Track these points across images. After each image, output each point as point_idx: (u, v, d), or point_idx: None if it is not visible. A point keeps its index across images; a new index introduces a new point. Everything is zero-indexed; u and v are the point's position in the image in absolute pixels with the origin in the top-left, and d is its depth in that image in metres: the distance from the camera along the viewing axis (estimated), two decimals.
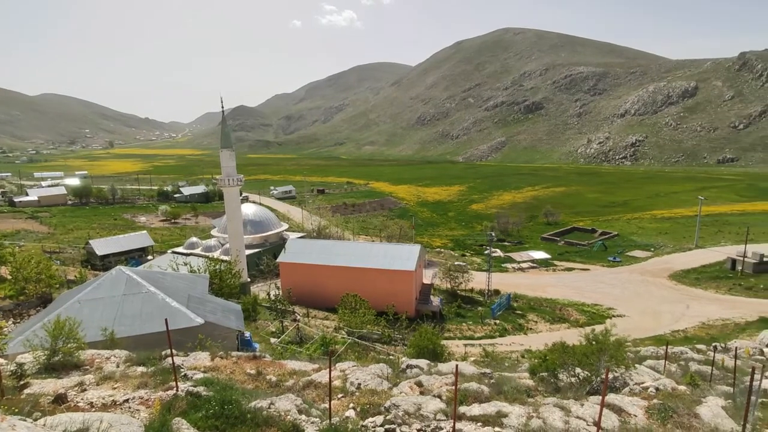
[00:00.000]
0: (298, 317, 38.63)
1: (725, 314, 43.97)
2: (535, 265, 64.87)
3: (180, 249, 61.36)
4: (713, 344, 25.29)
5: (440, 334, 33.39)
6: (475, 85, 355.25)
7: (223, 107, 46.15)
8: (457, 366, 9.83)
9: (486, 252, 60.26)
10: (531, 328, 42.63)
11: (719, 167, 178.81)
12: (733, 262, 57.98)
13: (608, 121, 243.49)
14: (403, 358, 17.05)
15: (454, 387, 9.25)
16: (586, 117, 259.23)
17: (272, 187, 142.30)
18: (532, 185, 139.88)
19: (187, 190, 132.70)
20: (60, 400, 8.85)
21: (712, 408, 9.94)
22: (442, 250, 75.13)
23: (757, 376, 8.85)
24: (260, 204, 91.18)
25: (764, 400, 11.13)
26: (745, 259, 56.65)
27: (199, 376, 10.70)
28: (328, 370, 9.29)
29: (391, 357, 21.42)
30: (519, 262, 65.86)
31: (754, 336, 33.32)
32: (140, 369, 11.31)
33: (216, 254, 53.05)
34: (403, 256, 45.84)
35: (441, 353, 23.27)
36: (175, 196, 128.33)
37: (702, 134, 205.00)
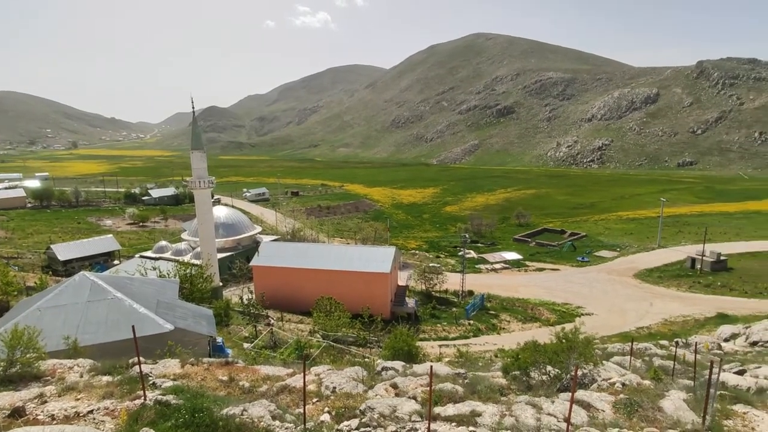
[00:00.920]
0: (272, 321, 38.05)
1: (686, 311, 45.98)
2: (507, 265, 66.11)
3: (148, 253, 59.49)
4: (675, 340, 26.41)
5: (415, 335, 33.55)
6: (449, 89, 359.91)
7: (193, 107, 45.11)
8: (431, 367, 9.91)
9: (460, 253, 61.01)
10: (504, 328, 43.40)
11: (679, 170, 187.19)
12: (693, 261, 60.72)
13: (576, 126, 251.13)
14: (379, 361, 17.05)
15: (428, 388, 9.32)
16: (555, 121, 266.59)
17: (245, 190, 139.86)
18: (505, 187, 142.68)
19: (156, 193, 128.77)
20: (17, 414, 8.43)
21: (674, 401, 10.35)
22: (417, 251, 75.61)
23: (715, 370, 9.29)
24: (233, 206, 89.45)
25: (722, 392, 11.67)
26: (704, 258, 59.47)
27: (169, 384, 10.39)
28: (302, 374, 9.19)
29: (366, 359, 21.40)
30: (492, 263, 66.96)
31: (713, 331, 35.00)
32: (106, 378, 10.89)
33: (186, 258, 51.69)
34: (378, 259, 45.85)
35: (416, 354, 23.38)
36: (144, 198, 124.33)
37: (663, 139, 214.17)
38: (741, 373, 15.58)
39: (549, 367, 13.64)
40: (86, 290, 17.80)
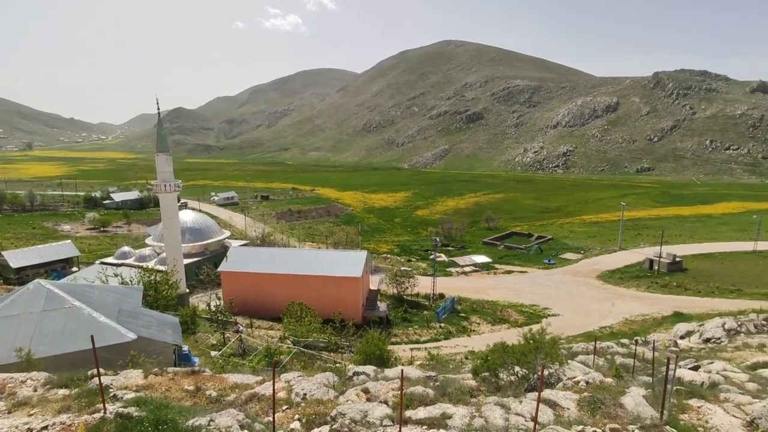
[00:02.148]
0: (241, 328, 37.22)
1: (645, 310, 48.02)
2: (477, 268, 67.22)
3: (110, 259, 57.13)
4: (635, 338, 27.56)
5: (387, 339, 33.60)
6: (420, 94, 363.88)
7: (159, 109, 43.68)
8: (402, 371, 9.96)
9: (431, 257, 61.60)
10: (474, 330, 44.04)
11: (638, 176, 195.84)
12: (651, 262, 63.57)
13: (542, 132, 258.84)
14: (350, 366, 16.98)
15: (400, 392, 9.35)
16: (522, 127, 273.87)
17: (213, 193, 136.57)
18: (474, 192, 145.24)
19: (118, 196, 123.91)
20: None
21: (634, 397, 10.78)
22: (389, 255, 75.81)
23: (671, 367, 9.74)
24: (200, 211, 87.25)
25: (678, 387, 12.25)
26: (661, 260, 62.38)
27: (131, 395, 10.00)
28: (272, 381, 9.04)
29: (337, 365, 21.25)
30: (462, 266, 67.92)
31: (670, 329, 36.73)
32: (62, 392, 10.36)
33: (151, 264, 49.90)
34: (349, 263, 45.70)
35: (388, 359, 23.42)
36: (105, 202, 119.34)
37: (623, 146, 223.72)
38: (695, 369, 16.41)
39: (517, 368, 13.96)
40: (41, 299, 16.90)
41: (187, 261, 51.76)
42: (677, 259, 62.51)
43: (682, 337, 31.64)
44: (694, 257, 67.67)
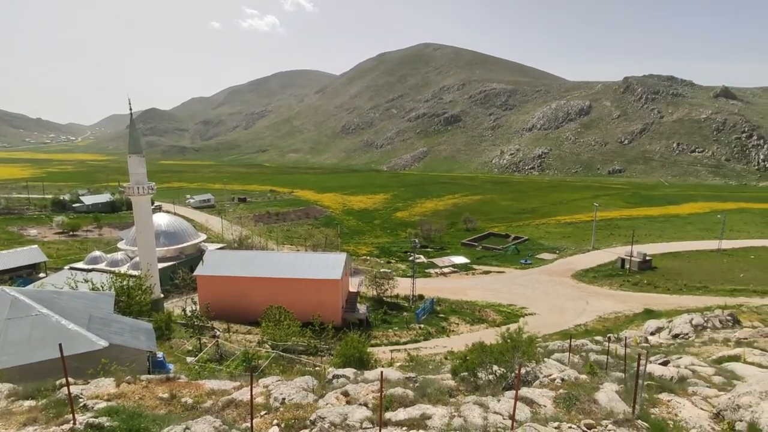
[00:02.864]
0: (218, 333, 36.54)
1: (617, 308, 49.41)
2: (456, 269, 67.84)
3: (80, 264, 55.18)
4: (608, 335, 28.33)
5: (367, 341, 33.52)
6: (398, 96, 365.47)
7: (131, 109, 42.56)
8: (381, 373, 9.96)
9: (410, 258, 61.86)
10: (453, 330, 44.41)
11: (610, 177, 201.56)
12: (623, 261, 65.47)
13: (518, 135, 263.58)
14: (330, 369, 16.89)
15: (379, 394, 9.36)
16: (499, 130, 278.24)
17: (188, 196, 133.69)
18: (453, 193, 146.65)
19: (88, 199, 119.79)
20: None
21: (608, 393, 11.07)
22: (368, 257, 75.75)
23: (642, 362, 10.06)
24: (175, 214, 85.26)
25: (649, 382, 12.65)
26: (632, 259, 64.33)
27: (102, 405, 9.69)
28: (249, 386, 8.91)
29: (317, 368, 21.10)
30: (441, 267, 68.44)
31: (641, 326, 37.89)
32: (28, 403, 9.96)
33: (124, 269, 48.52)
34: (329, 265, 45.45)
35: (367, 361, 23.39)
36: (75, 205, 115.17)
37: (596, 148, 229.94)
38: (665, 364, 16.97)
39: (495, 367, 14.16)
40: (5, 307, 16.21)
41: (161, 265, 50.56)
42: (647, 258, 64.57)
43: (652, 334, 32.70)
44: (663, 256, 70.00)
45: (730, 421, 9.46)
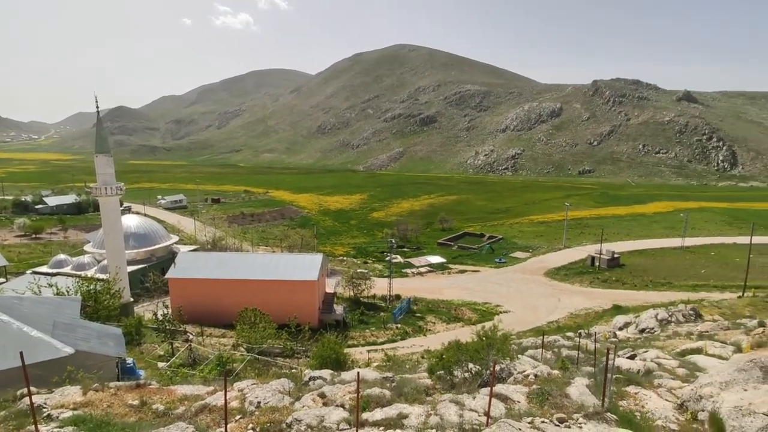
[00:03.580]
0: (191, 337, 35.68)
1: (587, 304, 50.90)
2: (432, 269, 68.40)
3: (43, 269, 52.90)
4: (579, 331, 29.15)
5: (344, 342, 33.42)
6: (374, 97, 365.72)
7: (98, 107, 41.07)
8: (358, 373, 9.96)
9: (387, 258, 62.02)
10: (430, 329, 44.76)
11: (580, 178, 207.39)
12: (593, 259, 67.48)
13: (492, 136, 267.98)
14: (306, 371, 16.76)
15: (356, 395, 9.36)
16: (473, 131, 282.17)
17: (160, 197, 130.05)
18: (428, 193, 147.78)
19: (52, 200, 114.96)
20: None
21: (578, 387, 11.38)
22: (345, 258, 75.49)
23: (611, 357, 10.40)
24: (145, 215, 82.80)
25: (618, 376, 13.08)
26: (601, 257, 66.40)
27: (68, 414, 9.33)
28: (224, 391, 8.75)
29: (293, 370, 20.91)
30: (418, 267, 68.87)
31: (610, 322, 39.16)
32: None
33: (91, 273, 46.75)
34: (305, 266, 45.06)
35: (344, 362, 23.30)
36: (37, 207, 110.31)
37: (566, 149, 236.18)
38: (632, 357, 17.59)
39: (471, 365, 14.34)
40: None
41: (131, 268, 49.08)
42: (615, 256, 66.77)
43: (620, 329, 33.84)
44: (630, 253, 72.48)
45: (693, 411, 9.88)
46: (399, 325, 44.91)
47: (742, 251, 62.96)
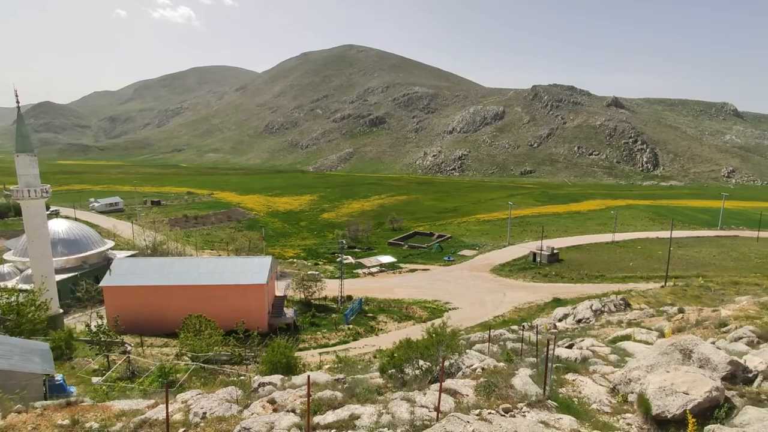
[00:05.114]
0: (129, 348, 33.54)
1: (530, 298, 53.49)
2: (383, 269, 68.90)
3: None
4: (522, 324, 30.56)
5: (295, 346, 32.84)
6: (323, 97, 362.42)
7: (18, 102, 37.59)
8: (309, 377, 9.85)
9: (338, 260, 61.71)
10: (381, 329, 45.07)
11: (522, 178, 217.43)
12: (534, 255, 71.02)
13: (440, 137, 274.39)
14: (255, 377, 16.31)
15: (307, 399, 9.25)
16: (422, 132, 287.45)
17: (92, 199, 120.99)
18: (379, 194, 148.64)
19: None
20: None
21: (522, 378, 11.94)
22: (295, 260, 74.22)
23: (551, 347, 11.01)
24: (76, 219, 76.88)
25: (557, 365, 13.86)
26: (542, 252, 70.06)
27: None
28: (165, 403, 8.33)
29: (242, 377, 20.25)
30: (369, 267, 69.10)
31: (550, 314, 41.35)
32: None
33: (11, 283, 42.73)
34: (253, 270, 43.84)
35: (295, 366, 22.93)
36: None
37: (509, 150, 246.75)
38: (570, 347, 18.68)
39: (421, 362, 14.60)
40: None
41: (60, 277, 45.36)
42: (555, 252, 70.70)
43: (560, 320, 35.86)
44: (568, 249, 77.02)
45: (623, 394, 10.68)
46: (351, 326, 44.84)
47: (664, 245, 68.97)
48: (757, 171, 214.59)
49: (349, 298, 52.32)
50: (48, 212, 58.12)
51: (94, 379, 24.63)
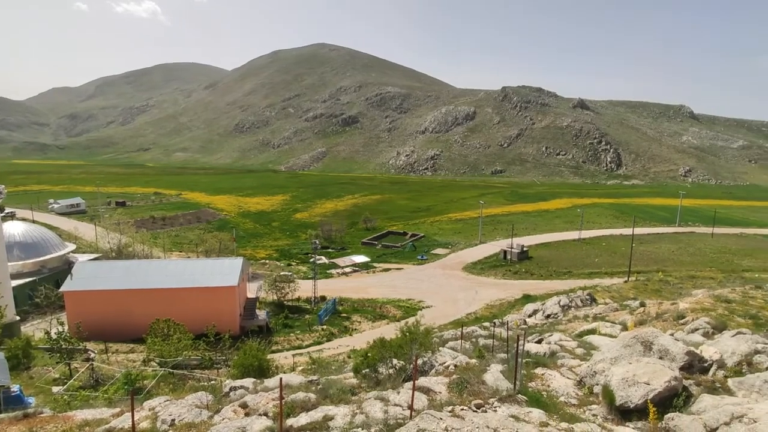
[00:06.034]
0: (93, 355, 32.28)
1: (501, 295, 54.61)
2: (357, 268, 68.78)
3: None
4: (494, 321, 31.16)
5: (267, 348, 32.37)
6: (295, 96, 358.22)
7: None
8: (281, 379, 9.75)
9: (311, 260, 61.19)
10: (356, 329, 45.02)
11: (492, 177, 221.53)
12: (505, 252, 72.52)
13: (413, 137, 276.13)
14: (227, 381, 16.00)
15: (279, 402, 9.15)
16: (395, 132, 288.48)
17: (52, 200, 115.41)
18: (352, 194, 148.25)
19: None
20: None
21: (493, 373, 12.19)
22: (267, 261, 73.14)
23: (521, 343, 11.29)
24: (33, 221, 73.25)
25: (527, 360, 14.22)
26: (512, 250, 71.62)
27: None
28: (131, 411, 8.06)
29: (213, 382, 19.82)
30: (343, 267, 68.84)
31: (521, 310, 42.36)
32: None
33: None
34: (223, 272, 42.94)
35: (268, 368, 22.63)
36: None
37: (480, 150, 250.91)
38: (540, 342, 19.20)
39: (395, 360, 14.69)
40: None
41: (15, 282, 43.15)
42: (525, 249, 72.42)
43: (530, 316, 36.78)
44: (537, 246, 79.03)
45: (589, 386, 11.08)
46: (325, 327, 44.57)
47: (627, 241, 71.81)
48: (712, 170, 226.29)
49: (323, 298, 51.99)
50: (2, 214, 55.17)
51: (55, 389, 23.58)
